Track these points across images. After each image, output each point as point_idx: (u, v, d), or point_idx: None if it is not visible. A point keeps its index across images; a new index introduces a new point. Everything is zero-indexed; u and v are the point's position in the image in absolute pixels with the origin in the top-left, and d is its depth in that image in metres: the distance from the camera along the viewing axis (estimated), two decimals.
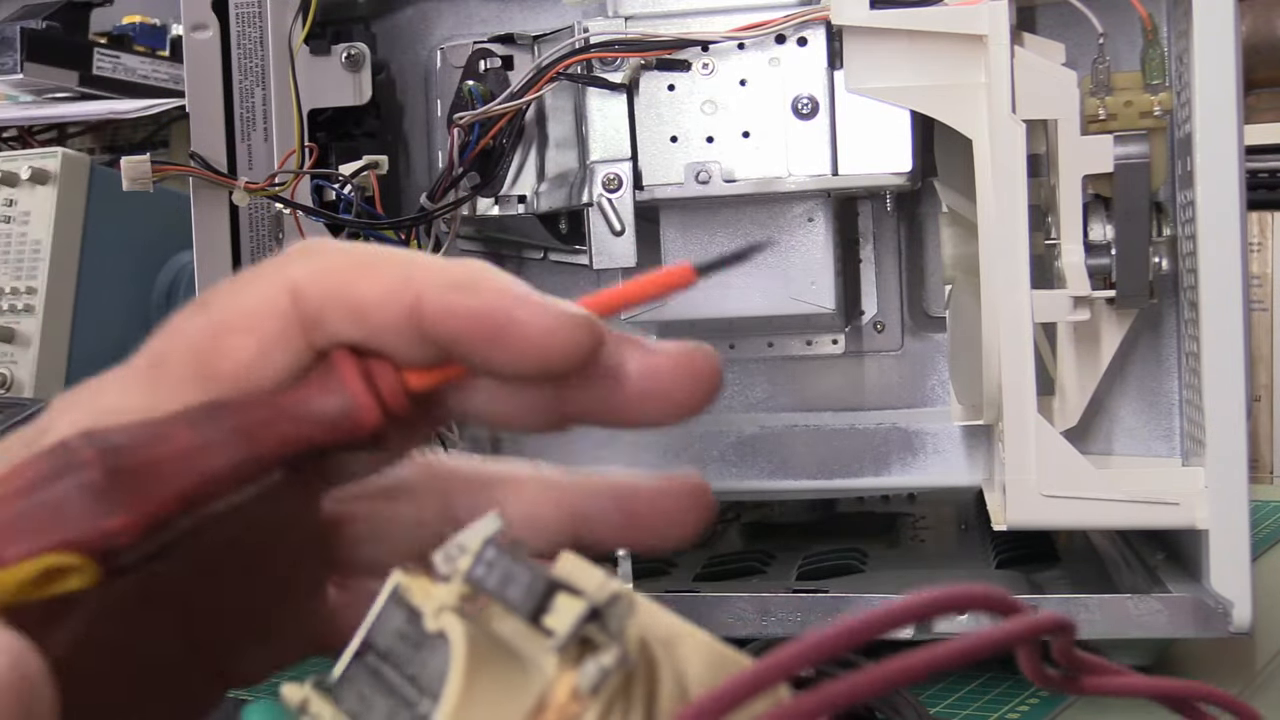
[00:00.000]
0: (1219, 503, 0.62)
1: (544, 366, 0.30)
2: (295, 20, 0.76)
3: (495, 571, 0.27)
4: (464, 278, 0.31)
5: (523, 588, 0.27)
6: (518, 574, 0.27)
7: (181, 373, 0.32)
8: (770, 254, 0.76)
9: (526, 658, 0.27)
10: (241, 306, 0.32)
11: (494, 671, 0.27)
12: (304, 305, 0.31)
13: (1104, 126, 0.66)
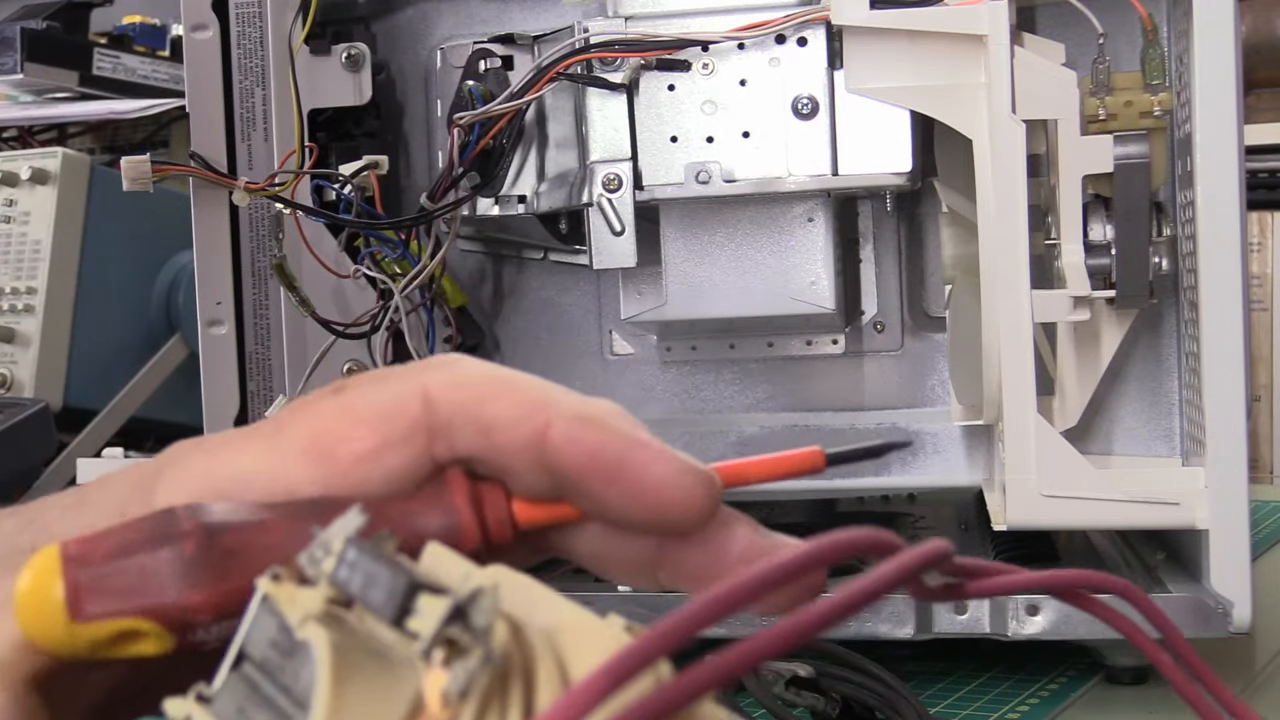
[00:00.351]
0: (1219, 503, 0.62)
1: (657, 515, 0.31)
2: (295, 20, 0.76)
3: (357, 573, 0.27)
4: (596, 414, 0.31)
5: (384, 590, 0.26)
6: (379, 575, 0.26)
7: (300, 446, 0.32)
8: (770, 254, 0.76)
9: (397, 660, 0.26)
10: (374, 400, 0.32)
11: (365, 678, 0.26)
12: (434, 413, 0.31)
13: (1104, 126, 0.66)
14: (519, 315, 0.87)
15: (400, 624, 0.26)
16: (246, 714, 0.27)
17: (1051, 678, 0.68)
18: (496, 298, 0.87)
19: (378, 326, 0.77)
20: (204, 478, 0.32)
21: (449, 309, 0.82)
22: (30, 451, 1.08)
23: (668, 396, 0.86)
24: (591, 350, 0.87)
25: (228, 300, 0.78)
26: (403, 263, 0.77)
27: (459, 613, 0.25)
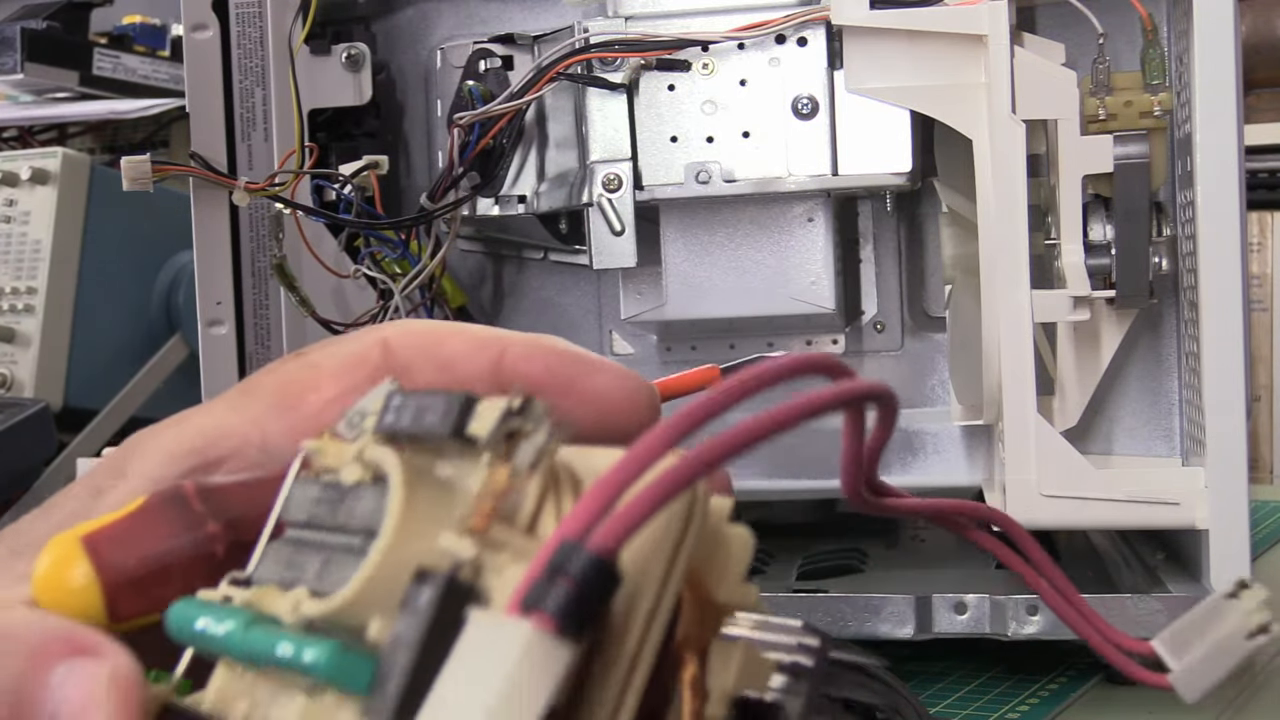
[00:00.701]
0: (1219, 503, 0.62)
1: (608, 420, 0.34)
2: (295, 20, 0.76)
3: (407, 411, 0.29)
4: (544, 340, 0.35)
5: (440, 409, 0.28)
6: (431, 402, 0.28)
7: (268, 400, 0.34)
8: (770, 254, 0.76)
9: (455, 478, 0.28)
10: (335, 353, 0.34)
11: (427, 494, 0.28)
12: (394, 357, 0.34)
13: (1104, 126, 0.66)
14: (519, 315, 0.87)
15: (460, 434, 0.27)
16: (295, 564, 0.29)
17: (1051, 678, 0.68)
18: (496, 298, 0.87)
19: None
20: (175, 442, 0.34)
21: (449, 309, 0.82)
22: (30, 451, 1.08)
23: None
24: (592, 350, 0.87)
25: (228, 300, 0.78)
26: (403, 263, 0.78)
27: (520, 405, 0.27)
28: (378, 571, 0.27)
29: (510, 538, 0.27)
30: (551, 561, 0.25)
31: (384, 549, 0.27)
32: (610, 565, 0.26)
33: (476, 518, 0.27)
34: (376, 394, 0.30)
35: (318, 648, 0.26)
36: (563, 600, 0.25)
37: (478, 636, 0.25)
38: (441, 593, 0.26)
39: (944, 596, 0.66)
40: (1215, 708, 0.62)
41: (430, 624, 0.26)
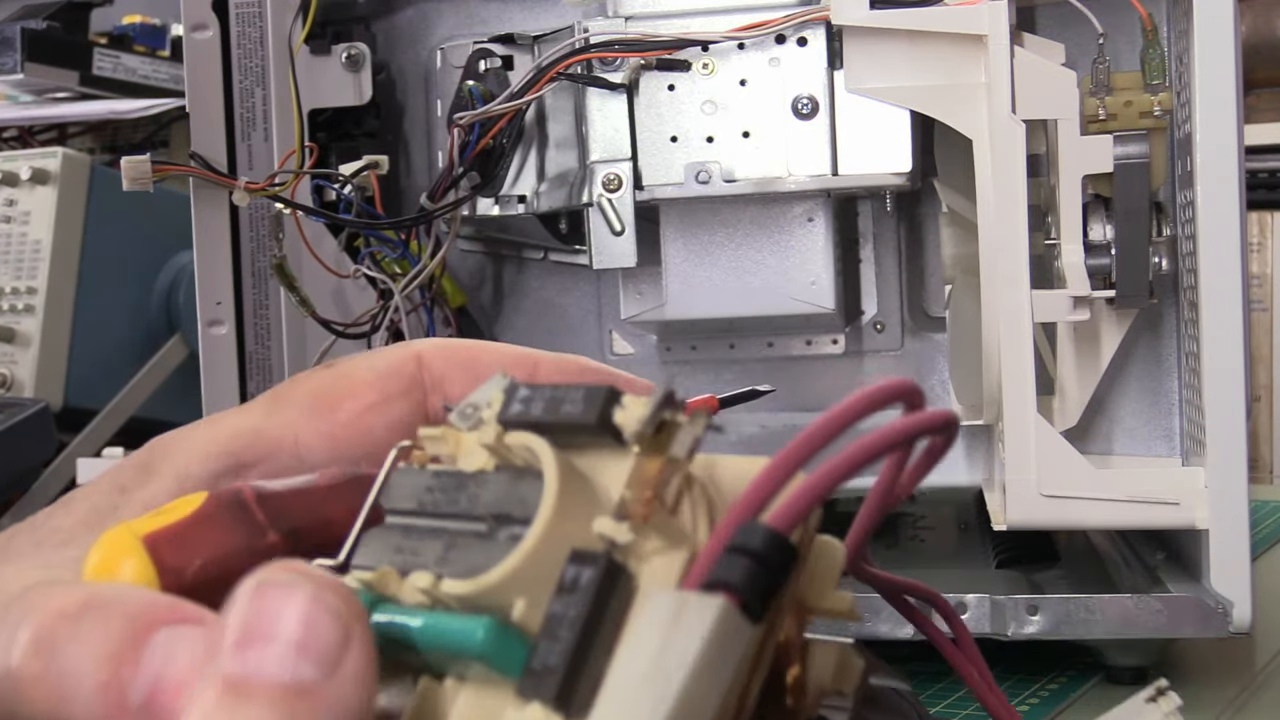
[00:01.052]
0: (1219, 503, 0.62)
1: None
2: (295, 20, 0.76)
3: (538, 402, 0.30)
4: (573, 358, 0.36)
5: (582, 400, 0.29)
6: (567, 394, 0.29)
7: (302, 405, 0.35)
8: (770, 254, 0.76)
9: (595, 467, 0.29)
10: (369, 364, 0.35)
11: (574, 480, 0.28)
12: (429, 370, 0.35)
13: (1104, 126, 0.66)
14: (519, 315, 0.87)
15: (604, 424, 0.28)
16: (408, 550, 0.30)
17: (1051, 678, 0.68)
18: (496, 298, 0.87)
19: (378, 326, 0.77)
20: (211, 441, 0.34)
21: (449, 309, 0.82)
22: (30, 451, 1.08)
23: None
24: (591, 350, 0.87)
25: (228, 300, 0.77)
26: (403, 263, 0.78)
27: (670, 398, 0.28)
28: (534, 553, 0.27)
29: (656, 525, 0.28)
30: (733, 541, 0.26)
31: (541, 531, 0.28)
32: (792, 543, 0.27)
33: (638, 505, 0.28)
34: (490, 387, 0.31)
35: (483, 624, 0.27)
36: (749, 576, 0.26)
37: (661, 613, 0.25)
38: (602, 573, 0.27)
39: (944, 596, 0.66)
40: (1215, 708, 0.62)
41: (593, 603, 0.26)
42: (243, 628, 0.25)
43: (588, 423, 0.29)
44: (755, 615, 0.26)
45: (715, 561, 0.26)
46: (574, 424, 0.29)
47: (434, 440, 0.31)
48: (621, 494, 0.28)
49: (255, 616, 0.25)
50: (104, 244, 1.11)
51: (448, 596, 0.28)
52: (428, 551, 0.29)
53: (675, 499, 0.28)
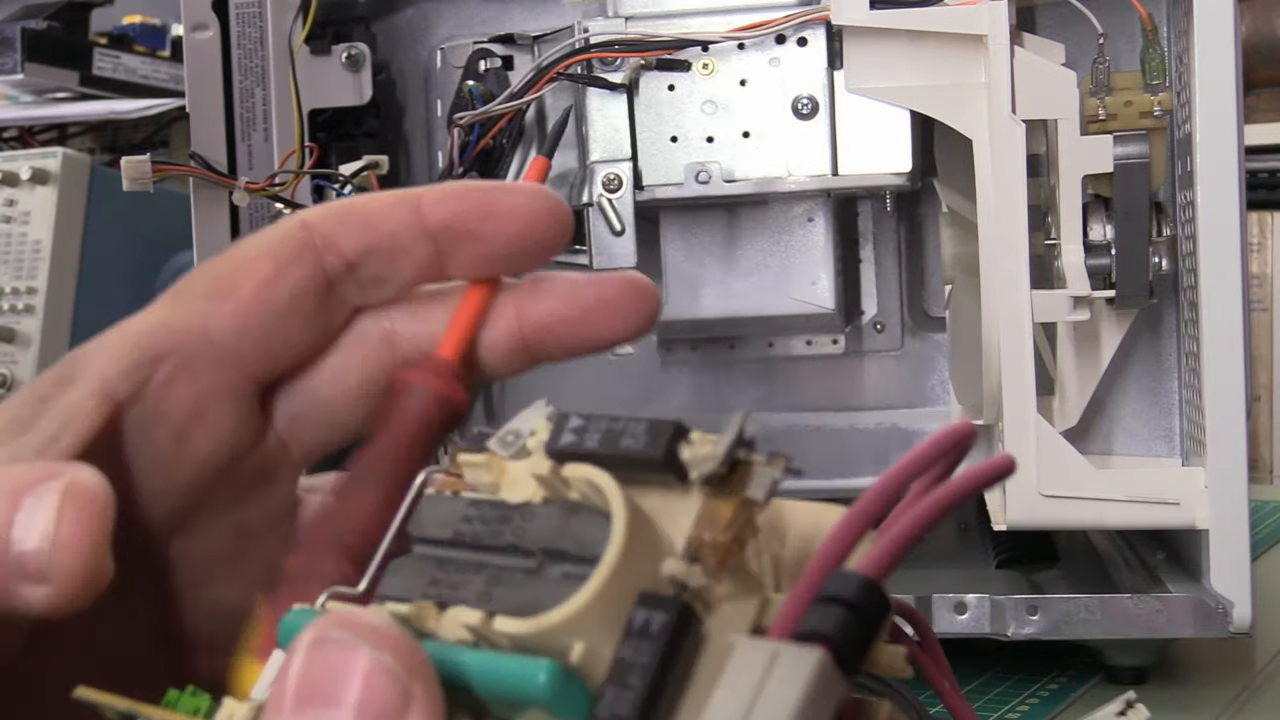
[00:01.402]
0: (1219, 503, 0.62)
1: (527, 232, 0.36)
2: (295, 20, 0.76)
3: (593, 433, 0.28)
4: (453, 183, 0.36)
5: (643, 435, 0.28)
6: (627, 426, 0.28)
7: (202, 292, 0.35)
8: (770, 254, 0.76)
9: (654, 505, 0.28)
10: (258, 241, 0.35)
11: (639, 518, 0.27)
12: (317, 231, 0.35)
13: (1104, 126, 0.66)
14: None
15: (674, 461, 0.27)
16: (444, 583, 0.28)
17: (1051, 678, 0.68)
18: None
19: None
20: (121, 344, 0.35)
21: None
22: None
23: (668, 396, 0.85)
24: None
25: None
26: None
27: (741, 437, 0.27)
28: (600, 594, 0.26)
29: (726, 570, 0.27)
30: (824, 590, 0.25)
31: (609, 571, 0.26)
32: (885, 592, 0.25)
33: (711, 548, 0.27)
34: (532, 414, 0.30)
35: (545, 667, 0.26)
36: (844, 626, 0.25)
37: (750, 663, 0.24)
38: (676, 618, 0.25)
39: (944, 596, 0.66)
40: (1215, 708, 0.62)
41: (666, 649, 0.25)
42: (300, 688, 0.25)
43: (653, 458, 0.27)
44: (850, 668, 0.25)
45: (805, 610, 0.25)
46: (637, 459, 0.28)
47: (474, 467, 0.30)
48: (690, 535, 0.27)
49: (313, 676, 0.25)
50: (104, 244, 1.11)
51: (499, 635, 0.26)
52: (468, 586, 0.28)
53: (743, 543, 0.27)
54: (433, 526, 0.29)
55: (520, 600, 0.27)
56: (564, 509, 0.28)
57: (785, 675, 0.24)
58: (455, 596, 0.28)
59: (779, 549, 0.29)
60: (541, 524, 0.28)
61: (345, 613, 0.27)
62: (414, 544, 0.30)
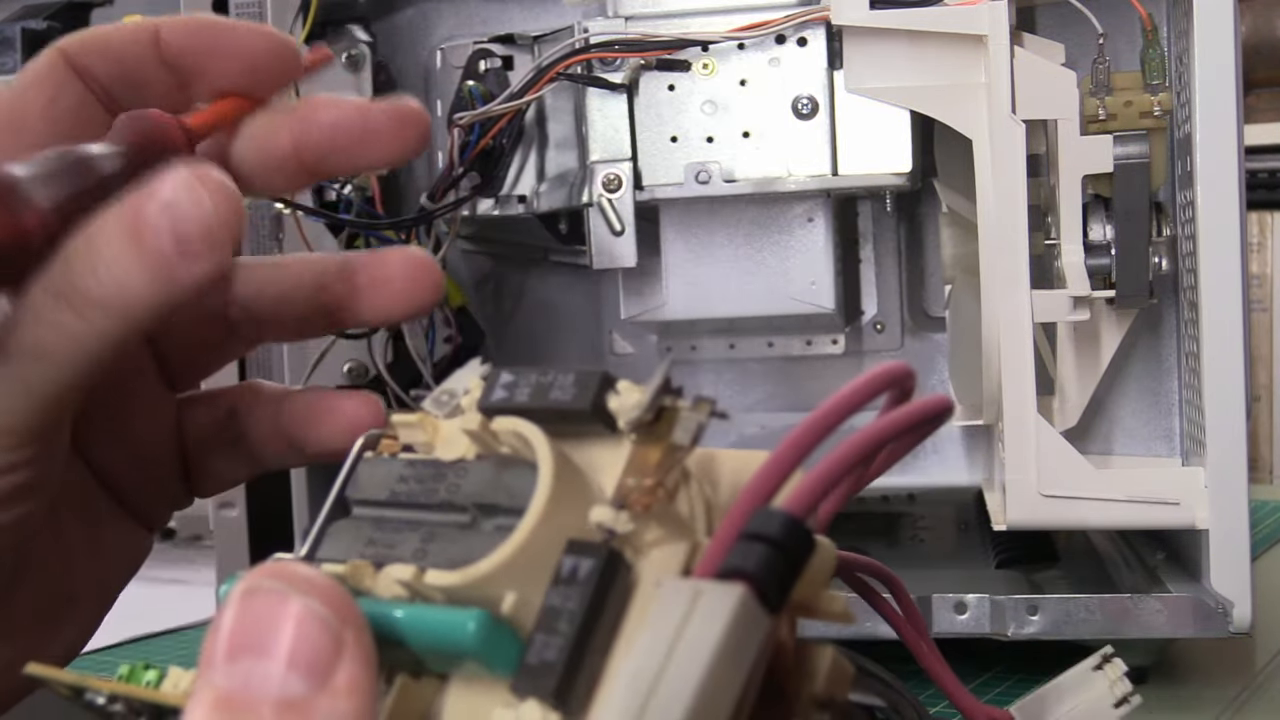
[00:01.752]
0: (1219, 503, 0.62)
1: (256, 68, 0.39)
2: (295, 20, 0.76)
3: (523, 388, 0.29)
4: (193, 15, 0.40)
5: (570, 387, 0.28)
6: (556, 380, 0.28)
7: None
8: (770, 254, 0.76)
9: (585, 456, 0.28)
10: (12, 83, 0.39)
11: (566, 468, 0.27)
12: (66, 52, 0.39)
13: (1104, 126, 0.66)
14: (519, 315, 0.87)
15: (601, 411, 0.27)
16: (381, 542, 0.28)
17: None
18: (496, 298, 0.87)
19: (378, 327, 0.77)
20: None
21: (449, 309, 0.82)
22: None
23: None
24: (591, 350, 0.87)
25: None
26: None
27: (667, 384, 0.27)
28: (527, 543, 0.26)
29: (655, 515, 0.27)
30: (747, 528, 0.25)
31: (535, 519, 0.26)
32: (809, 528, 0.26)
33: (638, 494, 0.27)
34: (466, 373, 0.30)
35: (474, 616, 0.26)
36: (767, 563, 0.25)
37: (673, 603, 0.24)
38: (603, 564, 0.26)
39: (944, 596, 0.66)
40: (1215, 708, 0.62)
41: (593, 595, 0.25)
42: (231, 639, 0.25)
43: (580, 409, 0.28)
44: (773, 605, 0.25)
45: (729, 549, 0.25)
46: (565, 410, 0.28)
47: (408, 427, 0.30)
48: (619, 482, 0.27)
49: (244, 627, 0.26)
50: None
51: (431, 589, 0.27)
52: (404, 544, 0.28)
53: (673, 489, 0.28)
54: (370, 488, 0.30)
55: (454, 554, 0.27)
56: (496, 463, 0.28)
57: (707, 613, 0.24)
58: (391, 555, 0.28)
59: (711, 494, 0.29)
60: (474, 479, 0.28)
61: (277, 565, 0.27)
62: (353, 506, 0.30)
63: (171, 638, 0.85)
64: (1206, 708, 0.63)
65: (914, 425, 0.28)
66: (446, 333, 0.82)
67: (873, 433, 0.27)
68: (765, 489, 0.27)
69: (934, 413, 0.28)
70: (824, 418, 0.28)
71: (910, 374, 0.29)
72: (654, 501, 0.27)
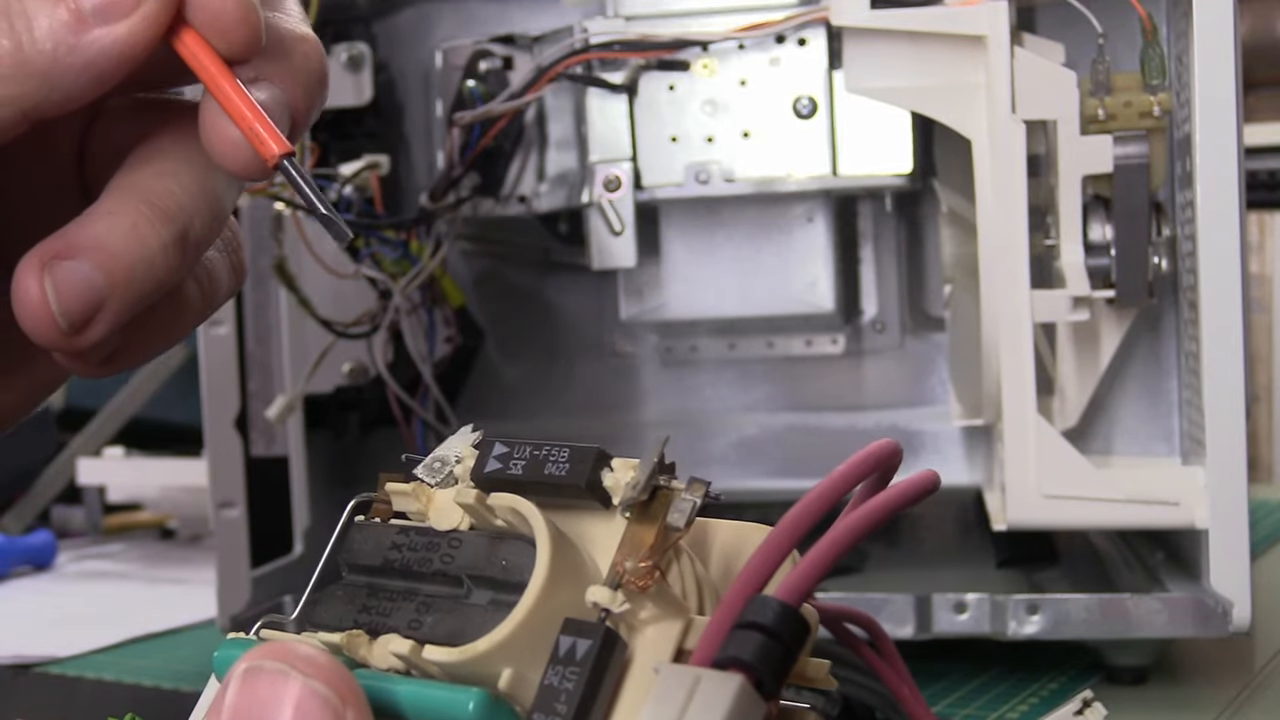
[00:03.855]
0: (1218, 503, 0.62)
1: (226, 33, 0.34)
2: None
3: (517, 460, 0.29)
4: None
5: (566, 463, 0.28)
6: (550, 453, 0.28)
7: None
8: (770, 254, 0.77)
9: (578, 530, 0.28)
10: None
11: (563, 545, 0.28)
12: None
13: (1103, 127, 0.66)
14: (519, 315, 0.87)
15: (596, 488, 0.28)
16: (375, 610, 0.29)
17: (1051, 678, 0.68)
18: (496, 298, 0.87)
19: (378, 326, 0.77)
20: None
21: (449, 309, 0.82)
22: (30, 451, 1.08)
23: (668, 396, 0.86)
24: (591, 350, 0.87)
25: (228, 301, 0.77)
26: (403, 263, 0.78)
27: (662, 463, 0.28)
28: (526, 621, 0.27)
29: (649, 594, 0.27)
30: (743, 616, 0.26)
31: (534, 599, 0.27)
32: (804, 618, 0.26)
33: (634, 574, 0.27)
34: (457, 441, 0.30)
35: (474, 696, 0.26)
36: (764, 652, 0.25)
37: (672, 689, 0.25)
38: (600, 645, 0.26)
39: (944, 596, 0.66)
40: (1215, 708, 0.63)
41: (590, 675, 0.26)
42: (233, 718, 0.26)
43: (575, 485, 0.28)
44: (770, 692, 0.25)
45: (725, 635, 0.26)
46: (560, 486, 0.28)
47: (402, 496, 0.30)
48: (614, 561, 0.27)
49: (246, 706, 0.26)
50: None
51: (429, 663, 0.27)
52: (399, 613, 0.28)
53: (667, 568, 0.28)
54: (363, 554, 0.30)
55: (449, 627, 0.27)
56: (490, 536, 0.28)
57: (706, 701, 0.24)
58: (386, 625, 0.28)
59: (702, 570, 0.29)
60: (469, 551, 0.28)
61: (279, 644, 0.27)
62: (345, 571, 0.30)
63: (171, 638, 0.85)
64: (1206, 708, 0.63)
65: (904, 506, 0.28)
66: (446, 333, 0.82)
67: (865, 516, 0.28)
68: (760, 575, 0.27)
69: (923, 492, 0.29)
70: (816, 502, 0.28)
71: (897, 453, 0.29)
72: (651, 582, 0.27)
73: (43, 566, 1.07)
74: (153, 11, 0.32)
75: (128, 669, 0.78)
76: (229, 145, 0.33)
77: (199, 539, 1.13)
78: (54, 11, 0.32)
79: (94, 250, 0.33)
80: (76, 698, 0.75)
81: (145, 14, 0.32)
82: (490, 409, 0.87)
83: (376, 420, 0.79)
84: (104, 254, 0.33)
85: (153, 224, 0.34)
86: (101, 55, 0.32)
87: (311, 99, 0.36)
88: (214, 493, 0.74)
